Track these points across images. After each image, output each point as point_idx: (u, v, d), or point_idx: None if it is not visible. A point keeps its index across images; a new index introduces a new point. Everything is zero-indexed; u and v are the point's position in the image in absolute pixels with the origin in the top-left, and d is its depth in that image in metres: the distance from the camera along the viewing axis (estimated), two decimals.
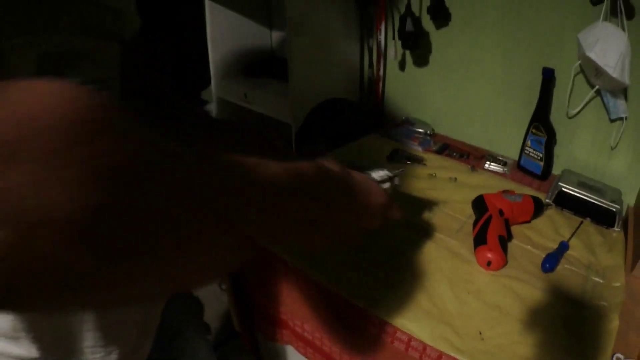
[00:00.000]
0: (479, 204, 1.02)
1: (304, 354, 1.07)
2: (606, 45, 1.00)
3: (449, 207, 1.10)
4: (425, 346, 0.79)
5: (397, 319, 0.82)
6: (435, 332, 0.80)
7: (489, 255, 0.91)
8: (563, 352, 0.77)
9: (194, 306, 0.93)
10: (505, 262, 0.93)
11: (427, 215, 1.05)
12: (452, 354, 0.77)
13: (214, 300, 0.96)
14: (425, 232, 1.01)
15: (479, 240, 0.94)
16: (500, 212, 0.99)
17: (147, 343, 0.73)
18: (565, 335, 0.80)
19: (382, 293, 0.86)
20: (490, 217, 0.96)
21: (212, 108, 1.55)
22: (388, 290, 0.86)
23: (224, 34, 1.44)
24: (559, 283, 0.91)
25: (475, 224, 0.98)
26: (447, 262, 0.94)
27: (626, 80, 1.01)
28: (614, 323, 0.82)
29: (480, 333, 0.80)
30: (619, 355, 0.75)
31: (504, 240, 0.94)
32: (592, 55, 1.01)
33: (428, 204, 1.09)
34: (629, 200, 1.16)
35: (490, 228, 0.94)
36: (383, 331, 0.84)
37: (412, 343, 0.81)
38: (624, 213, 1.12)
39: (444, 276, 0.91)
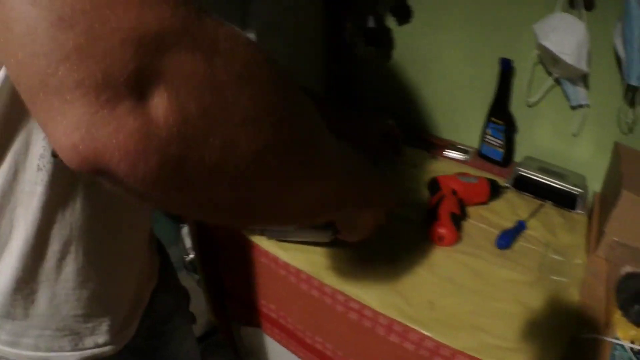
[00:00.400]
0: (433, 185, 1.04)
1: (271, 335, 1.09)
2: (563, 34, 1.02)
3: (406, 190, 1.12)
4: (376, 314, 0.82)
5: (349, 288, 0.84)
6: (385, 301, 0.82)
7: (441, 230, 0.93)
8: (520, 323, 0.79)
9: (182, 295, 0.96)
10: (458, 238, 0.95)
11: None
12: (402, 321, 0.79)
13: (193, 297, 0.99)
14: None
15: (431, 217, 0.96)
16: (454, 192, 1.01)
17: (134, 323, 0.75)
18: (522, 307, 0.82)
19: (337, 267, 0.88)
20: (443, 196, 0.98)
21: None
22: (342, 265, 0.89)
23: None
24: (515, 259, 0.92)
25: (428, 203, 1.00)
26: (400, 239, 0.96)
27: (584, 67, 1.03)
28: (575, 298, 0.83)
29: (432, 302, 0.82)
30: (582, 329, 0.77)
31: (457, 218, 0.96)
32: (547, 43, 1.03)
33: None
34: (595, 186, 1.17)
35: (442, 206, 0.96)
36: (337, 302, 0.86)
37: (365, 312, 0.83)
38: (590, 198, 1.13)
39: (397, 252, 0.93)
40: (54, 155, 0.49)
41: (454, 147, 1.31)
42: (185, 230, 1.57)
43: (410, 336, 0.79)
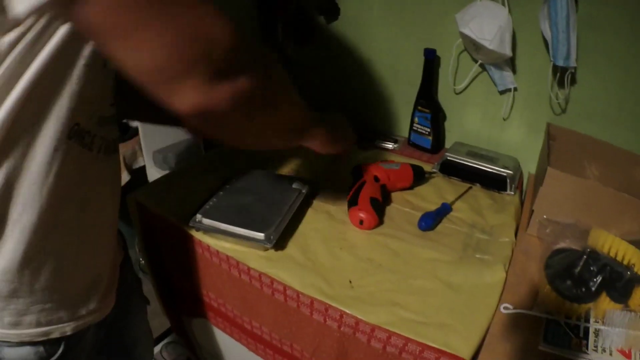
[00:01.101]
0: (356, 172, 1.08)
1: (216, 324, 1.13)
2: (483, 20, 1.04)
3: (332, 178, 1.15)
4: (298, 294, 0.85)
5: (273, 271, 0.87)
6: (306, 281, 0.85)
7: (361, 214, 0.96)
8: (443, 299, 0.81)
9: (137, 278, 1.02)
10: (379, 222, 0.98)
11: (308, 185, 1.08)
12: (322, 299, 0.82)
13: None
14: (305, 200, 1.05)
15: (352, 202, 0.99)
16: (376, 179, 1.04)
17: (113, 290, 0.84)
18: (442, 284, 0.84)
19: (263, 253, 0.92)
20: (364, 182, 1.01)
21: None
22: (267, 250, 0.92)
23: None
24: (437, 240, 0.95)
25: (350, 189, 1.03)
26: (323, 223, 0.99)
27: (507, 51, 1.05)
28: (500, 274, 0.85)
29: (350, 282, 0.85)
30: (507, 305, 0.77)
31: (377, 202, 0.99)
32: (466, 31, 1.05)
33: (311, 177, 1.14)
34: (530, 168, 1.19)
35: (362, 191, 0.99)
36: (264, 284, 0.89)
37: (288, 292, 0.86)
38: (525, 180, 1.16)
39: (319, 235, 0.96)
40: (69, 137, 0.57)
41: (383, 137, 1.34)
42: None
43: (331, 313, 0.82)
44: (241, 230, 0.92)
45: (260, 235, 0.90)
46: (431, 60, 1.20)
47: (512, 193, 1.09)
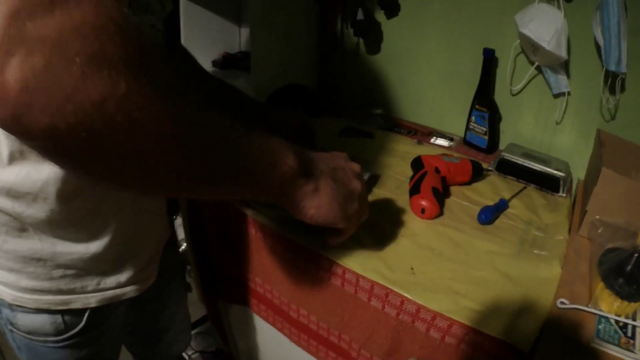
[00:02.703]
0: (417, 163, 1.07)
1: (258, 313, 1.10)
2: (541, 22, 1.06)
3: (391, 171, 1.14)
4: (358, 278, 0.83)
5: (333, 253, 0.86)
6: (367, 265, 0.84)
7: (423, 202, 0.95)
8: (502, 291, 0.80)
9: (180, 262, 0.99)
10: (440, 212, 0.97)
11: (368, 172, 1.08)
12: (383, 283, 0.81)
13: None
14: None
15: (414, 190, 0.98)
16: (437, 170, 1.04)
17: (153, 266, 0.81)
18: (501, 276, 0.83)
19: (321, 234, 0.90)
20: (425, 172, 1.01)
21: None
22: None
23: (197, 32, 1.52)
24: (496, 233, 0.94)
25: (411, 179, 1.03)
26: (383, 211, 0.98)
27: (563, 53, 1.06)
28: (556, 270, 0.84)
29: (412, 268, 0.84)
30: (563, 300, 0.76)
31: (438, 192, 0.98)
32: (526, 31, 1.06)
33: (372, 167, 1.13)
34: (579, 174, 1.19)
35: (424, 181, 0.98)
36: (320, 267, 0.88)
37: (347, 276, 0.85)
38: (574, 183, 1.15)
39: (379, 222, 0.94)
40: None
41: (439, 135, 1.34)
42: (178, 221, 1.59)
43: (391, 299, 0.81)
44: None
45: None
46: (490, 60, 1.20)
47: (564, 195, 1.09)
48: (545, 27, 1.06)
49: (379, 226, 0.93)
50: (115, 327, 0.79)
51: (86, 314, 0.70)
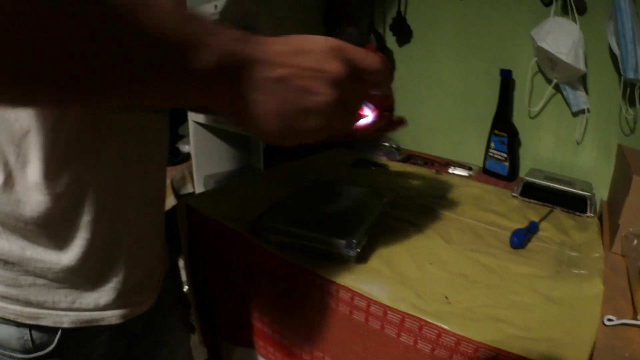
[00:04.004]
0: None
1: (265, 356, 1.02)
2: (558, 35, 1.05)
3: (410, 197, 1.10)
4: (386, 310, 0.74)
5: (355, 284, 0.78)
6: (396, 296, 0.75)
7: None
8: (545, 313, 0.74)
9: (183, 299, 0.91)
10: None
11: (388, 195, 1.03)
12: (416, 314, 0.72)
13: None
14: (386, 210, 0.99)
15: None
16: None
17: (143, 294, 0.73)
18: (543, 299, 0.77)
19: (339, 263, 0.82)
20: None
21: (190, 140, 1.56)
22: (343, 261, 0.83)
23: None
24: (530, 256, 0.88)
25: None
26: (406, 238, 0.92)
27: (581, 66, 1.04)
28: (599, 287, 0.80)
29: (447, 297, 0.76)
30: (609, 317, 0.73)
31: None
32: (544, 45, 1.04)
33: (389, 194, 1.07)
34: (602, 194, 1.16)
35: None
36: (341, 301, 0.79)
37: (372, 309, 0.76)
38: (598, 204, 1.13)
39: (405, 249, 0.88)
40: None
41: (457, 164, 1.30)
42: (180, 263, 1.51)
43: (426, 332, 0.72)
44: (318, 235, 0.82)
45: (342, 242, 0.80)
46: (507, 81, 1.17)
47: (592, 215, 1.07)
48: (562, 40, 1.04)
49: (404, 254, 0.86)
50: (96, 358, 0.70)
51: (58, 334, 0.63)
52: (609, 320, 0.72)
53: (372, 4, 1.33)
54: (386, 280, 0.79)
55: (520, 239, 0.90)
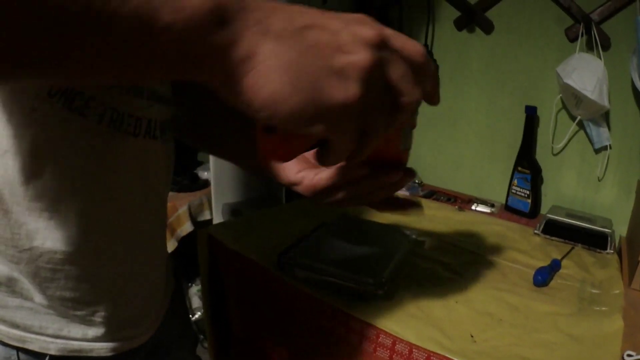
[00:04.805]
0: None
1: None
2: (583, 72, 1.06)
3: (434, 236, 1.10)
4: (411, 349, 0.75)
5: (380, 321, 0.79)
6: (422, 334, 0.76)
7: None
8: (568, 352, 0.75)
9: (189, 333, 0.88)
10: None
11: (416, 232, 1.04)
12: (442, 353, 0.73)
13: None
14: (414, 247, 1.00)
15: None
16: None
17: (139, 330, 0.68)
18: (566, 337, 0.78)
19: (366, 302, 0.83)
20: None
21: (210, 166, 1.56)
22: (370, 300, 0.84)
23: None
24: (553, 294, 0.90)
25: None
26: (432, 277, 0.93)
27: (605, 102, 1.05)
28: (619, 323, 0.81)
29: (472, 336, 0.77)
30: (629, 352, 0.73)
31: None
32: (569, 81, 1.05)
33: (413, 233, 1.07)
34: (621, 230, 1.16)
35: None
36: (365, 338, 0.80)
37: (397, 347, 0.77)
38: (617, 240, 1.13)
39: (431, 287, 0.89)
40: (51, 94, 0.45)
41: (480, 201, 1.30)
42: (193, 289, 1.51)
43: None
44: (346, 272, 0.82)
45: (369, 280, 0.81)
46: (532, 118, 1.18)
47: (612, 251, 1.08)
48: (587, 77, 1.05)
49: (430, 292, 0.87)
50: None
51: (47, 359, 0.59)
52: (629, 355, 0.73)
53: None
54: (412, 319, 0.79)
55: (544, 277, 0.91)
